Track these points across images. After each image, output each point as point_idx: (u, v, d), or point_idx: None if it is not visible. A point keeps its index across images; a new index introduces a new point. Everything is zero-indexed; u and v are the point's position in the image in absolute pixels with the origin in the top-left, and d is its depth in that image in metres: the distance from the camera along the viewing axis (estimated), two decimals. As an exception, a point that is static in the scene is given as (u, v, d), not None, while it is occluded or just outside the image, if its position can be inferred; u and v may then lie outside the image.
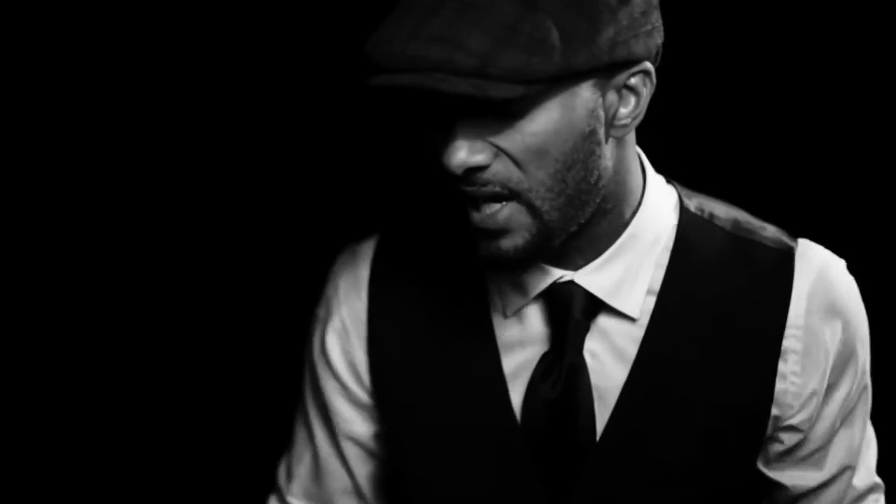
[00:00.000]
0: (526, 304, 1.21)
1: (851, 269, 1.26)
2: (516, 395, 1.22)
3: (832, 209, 2.16)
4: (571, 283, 1.18)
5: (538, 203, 1.08)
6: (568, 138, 1.06)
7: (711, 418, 1.20)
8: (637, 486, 1.21)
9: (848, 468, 1.28)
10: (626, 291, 1.19)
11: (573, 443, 1.20)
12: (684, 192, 1.25)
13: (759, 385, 1.20)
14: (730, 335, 1.19)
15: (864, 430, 1.29)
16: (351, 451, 1.30)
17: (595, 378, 1.20)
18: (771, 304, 1.19)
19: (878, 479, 1.33)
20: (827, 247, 1.25)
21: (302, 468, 1.34)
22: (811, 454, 1.26)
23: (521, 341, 1.22)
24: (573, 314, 1.18)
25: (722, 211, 1.24)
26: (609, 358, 1.20)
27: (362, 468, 1.31)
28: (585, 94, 1.06)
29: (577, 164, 1.08)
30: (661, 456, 1.20)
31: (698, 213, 1.23)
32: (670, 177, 1.27)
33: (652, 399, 1.20)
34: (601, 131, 1.09)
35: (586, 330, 1.19)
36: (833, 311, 1.21)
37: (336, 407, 1.30)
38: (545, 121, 1.05)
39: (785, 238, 1.23)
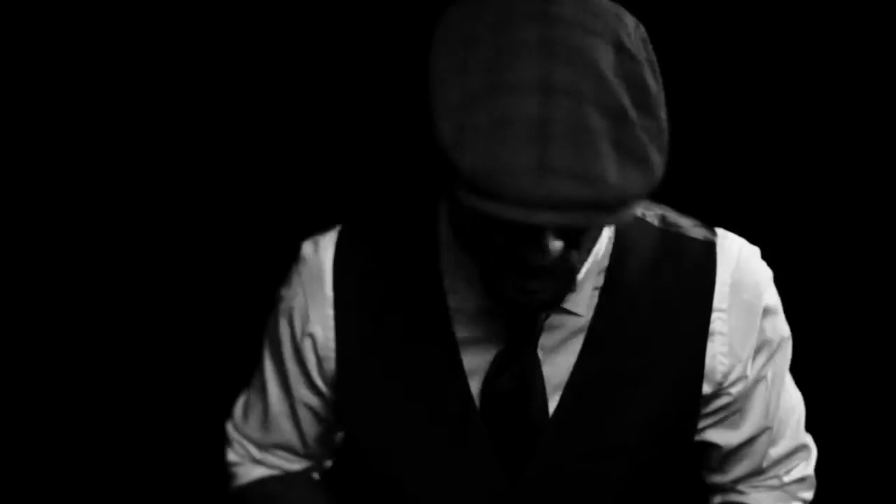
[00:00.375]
0: (486, 308, 1.28)
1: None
2: (474, 386, 1.31)
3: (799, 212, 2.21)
4: None
5: (578, 269, 1.19)
6: None
7: (651, 397, 1.30)
8: (586, 458, 1.31)
9: (766, 429, 1.39)
10: (576, 292, 1.27)
11: (527, 425, 1.30)
12: None
13: (691, 365, 1.30)
14: (664, 321, 1.29)
15: (781, 392, 1.39)
16: (304, 414, 1.43)
17: (546, 369, 1.30)
18: (698, 291, 1.29)
19: (805, 440, 1.45)
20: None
21: (254, 416, 1.48)
22: (729, 416, 1.36)
23: (479, 339, 1.30)
24: (528, 317, 1.27)
25: (649, 208, 1.34)
26: (558, 349, 1.30)
27: (312, 429, 1.45)
28: None
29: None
30: (608, 432, 1.31)
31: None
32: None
33: (597, 383, 1.30)
34: None
35: (541, 330, 1.29)
36: (752, 293, 1.30)
37: (294, 383, 1.40)
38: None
39: (705, 230, 1.33)
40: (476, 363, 1.30)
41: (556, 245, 1.08)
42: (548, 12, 1.07)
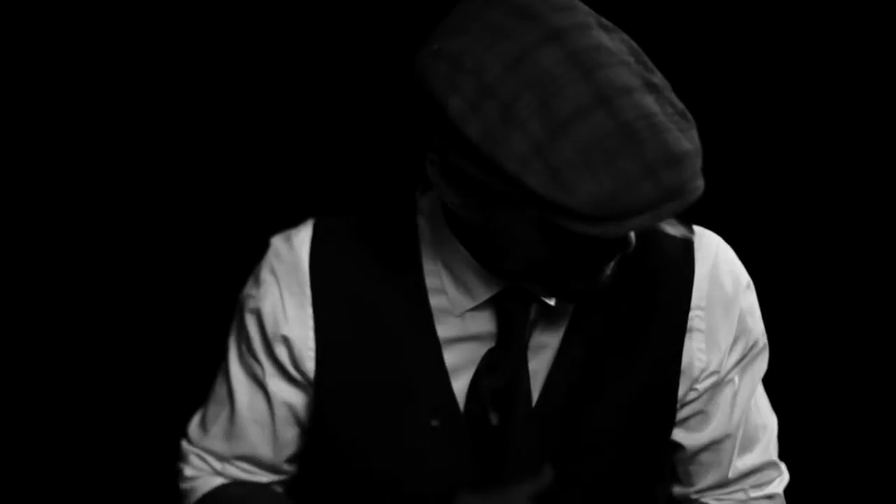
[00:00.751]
0: (474, 307, 1.28)
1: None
2: (459, 385, 1.30)
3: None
4: (520, 287, 1.26)
5: None
6: None
7: (629, 393, 1.30)
8: (563, 454, 1.30)
9: (729, 435, 1.37)
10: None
11: (508, 422, 1.30)
12: None
13: (669, 361, 1.31)
14: (643, 317, 1.30)
15: (751, 401, 1.38)
16: (281, 413, 1.36)
17: (531, 364, 1.30)
18: (677, 287, 1.30)
19: (776, 460, 1.42)
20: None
21: (217, 427, 1.40)
22: (694, 415, 1.35)
23: (464, 337, 1.30)
24: (520, 316, 1.27)
25: None
26: (542, 346, 1.30)
27: (287, 432, 1.38)
28: None
29: None
30: (585, 428, 1.30)
31: None
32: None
33: (575, 378, 1.30)
34: None
35: (533, 327, 1.29)
36: (730, 290, 1.31)
37: (270, 380, 1.34)
38: None
39: (683, 227, 1.34)
40: (458, 362, 1.29)
41: (633, 235, 1.15)
42: (549, 29, 1.08)
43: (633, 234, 1.15)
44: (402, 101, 1.25)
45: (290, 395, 1.34)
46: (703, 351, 1.31)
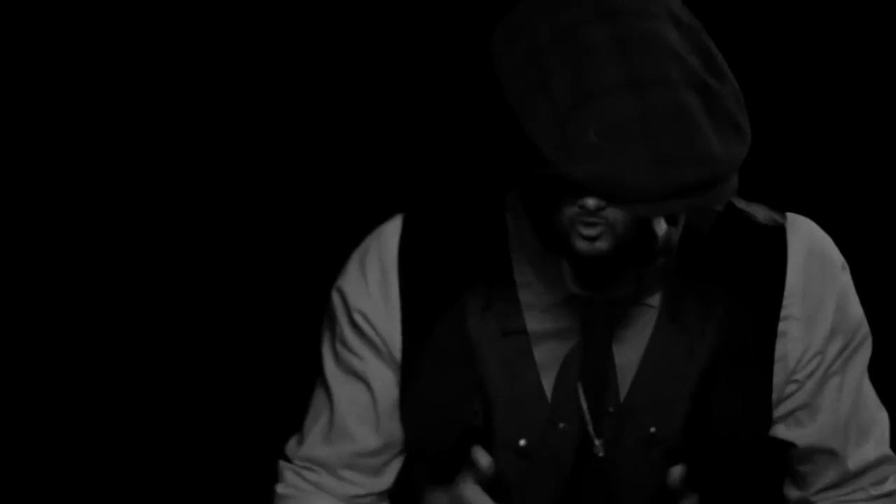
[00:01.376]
0: (558, 301, 1.28)
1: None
2: (546, 380, 1.29)
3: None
4: None
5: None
6: None
7: (721, 385, 1.28)
8: (651, 444, 1.29)
9: (842, 430, 1.33)
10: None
11: (595, 416, 1.29)
12: None
13: (763, 351, 1.29)
14: (734, 308, 1.28)
15: (860, 392, 1.34)
16: (382, 398, 1.32)
17: (617, 358, 1.29)
18: (769, 275, 1.28)
19: (890, 453, 1.37)
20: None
21: (314, 433, 1.36)
22: (798, 409, 1.32)
23: (550, 332, 1.29)
24: (602, 311, 1.27)
25: None
26: (628, 339, 1.29)
27: (389, 421, 1.33)
28: None
29: None
30: (675, 422, 1.29)
31: None
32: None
33: (665, 372, 1.29)
34: None
35: (613, 324, 1.28)
36: (826, 276, 1.29)
37: (368, 366, 1.32)
38: None
39: (774, 213, 1.32)
40: (547, 356, 1.29)
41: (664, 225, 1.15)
42: (607, 8, 1.10)
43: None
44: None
45: (388, 380, 1.32)
46: (800, 340, 1.29)
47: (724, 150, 1.07)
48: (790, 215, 1.32)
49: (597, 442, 1.28)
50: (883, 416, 1.37)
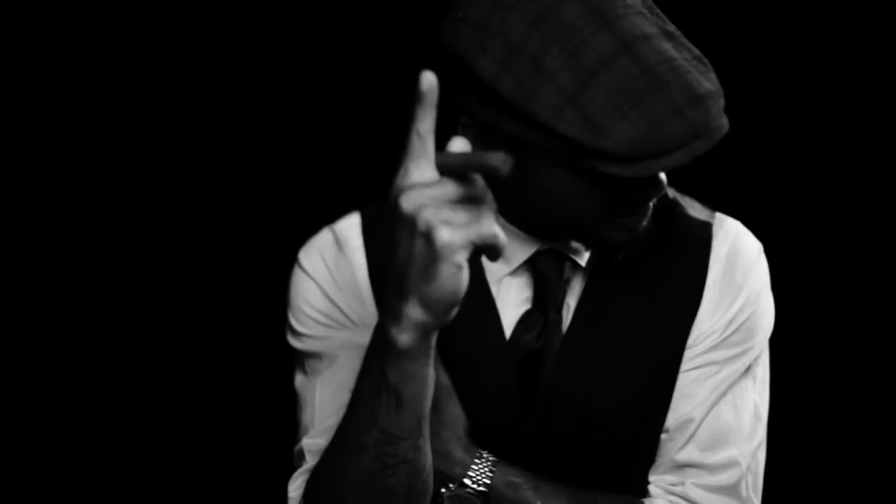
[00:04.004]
0: (511, 271, 1.32)
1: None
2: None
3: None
4: (552, 249, 1.30)
5: None
6: None
7: (638, 362, 1.30)
8: (576, 419, 1.30)
9: (689, 421, 1.31)
10: (584, 252, 1.32)
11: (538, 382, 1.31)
12: None
13: (679, 333, 1.31)
14: (656, 289, 1.31)
15: (725, 394, 1.32)
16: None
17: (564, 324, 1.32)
18: (693, 264, 1.32)
19: (740, 489, 1.32)
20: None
21: (308, 411, 1.35)
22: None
23: (508, 303, 1.33)
24: (554, 277, 1.31)
25: None
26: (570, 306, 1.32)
27: None
28: None
29: None
30: (595, 398, 1.30)
31: None
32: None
33: (589, 336, 1.31)
34: None
35: (565, 291, 1.32)
36: (741, 278, 1.32)
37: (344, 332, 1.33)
38: None
39: (705, 210, 1.37)
40: (505, 323, 1.31)
41: (664, 176, 1.19)
42: None
43: (664, 177, 1.19)
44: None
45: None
46: (702, 322, 1.30)
47: (710, 83, 1.13)
48: (720, 215, 1.36)
49: (518, 434, 1.30)
50: (752, 445, 1.32)
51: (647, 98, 1.10)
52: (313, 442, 1.31)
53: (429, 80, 0.94)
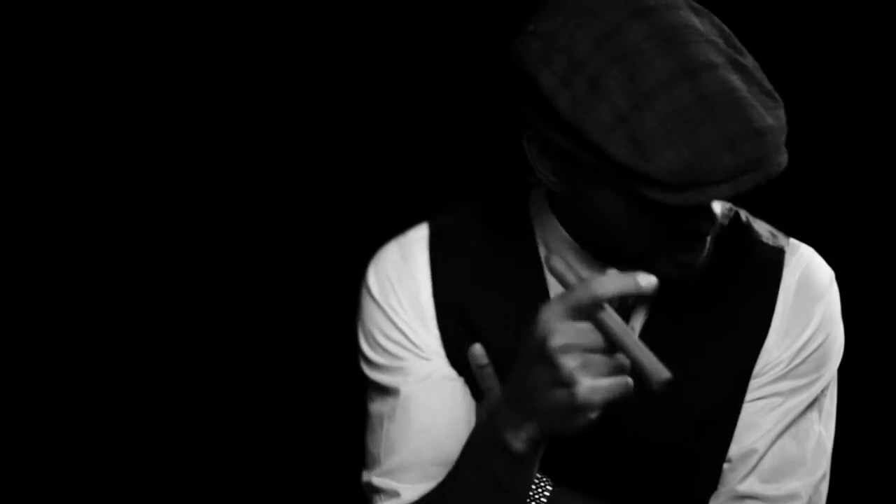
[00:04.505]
0: None
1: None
2: None
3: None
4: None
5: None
6: None
7: (703, 387, 1.28)
8: (636, 437, 1.29)
9: (752, 451, 1.29)
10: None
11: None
12: None
13: (746, 361, 1.29)
14: (724, 316, 1.29)
15: (790, 425, 1.30)
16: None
17: None
18: (763, 291, 1.30)
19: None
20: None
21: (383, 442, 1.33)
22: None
23: None
24: (627, 305, 1.28)
25: (725, 208, 1.35)
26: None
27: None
28: None
29: None
30: (656, 416, 1.28)
31: None
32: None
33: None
34: None
35: (629, 315, 1.29)
36: (811, 302, 1.30)
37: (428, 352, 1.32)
38: None
39: (778, 235, 1.35)
40: None
41: (718, 208, 1.20)
42: (638, 7, 1.14)
43: (717, 209, 1.19)
44: (498, 89, 1.29)
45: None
46: (770, 351, 1.29)
47: (774, 119, 1.12)
48: (794, 241, 1.34)
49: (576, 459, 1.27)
50: (816, 476, 1.31)
51: (701, 127, 1.09)
52: (384, 482, 1.30)
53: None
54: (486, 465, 1.08)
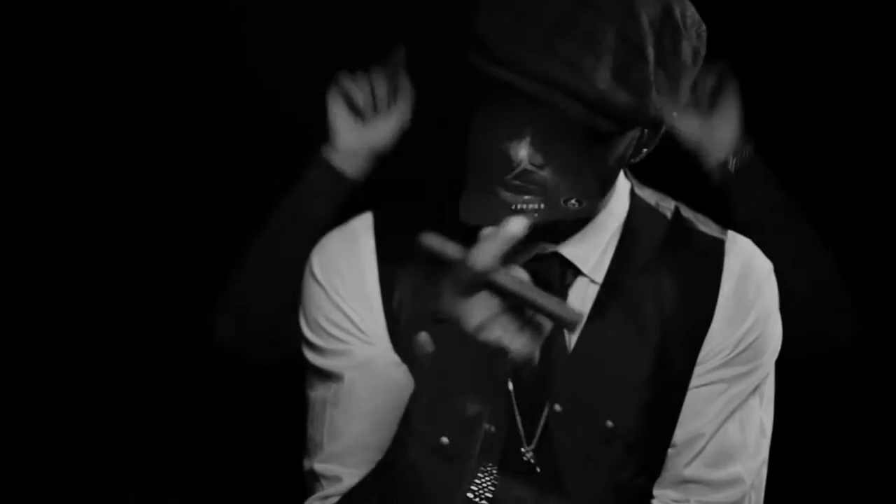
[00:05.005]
0: None
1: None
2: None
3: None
4: (554, 253, 1.31)
5: (563, 204, 1.23)
6: (616, 164, 1.26)
7: (646, 375, 1.31)
8: (587, 432, 1.31)
9: (697, 436, 1.32)
10: (594, 261, 1.33)
11: (542, 388, 1.32)
12: (636, 183, 1.41)
13: (691, 347, 1.32)
14: (668, 303, 1.33)
15: (732, 411, 1.33)
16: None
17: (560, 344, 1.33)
18: (705, 279, 1.34)
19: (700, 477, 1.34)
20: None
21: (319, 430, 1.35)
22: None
23: None
24: (554, 281, 1.31)
25: (666, 202, 1.41)
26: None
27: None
28: (638, 132, 1.25)
29: (610, 181, 1.29)
30: (605, 408, 1.31)
31: (646, 200, 1.39)
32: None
33: (600, 348, 1.32)
34: (628, 154, 1.28)
35: (565, 296, 1.32)
36: (752, 297, 1.33)
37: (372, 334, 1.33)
38: (612, 151, 1.23)
39: (718, 227, 1.39)
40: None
41: (527, 143, 1.19)
42: None
43: (522, 153, 1.19)
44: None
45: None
46: (714, 338, 1.32)
47: (607, 90, 1.14)
48: (731, 233, 1.38)
49: (524, 448, 1.30)
50: (750, 463, 1.34)
51: (539, 26, 1.15)
52: (326, 468, 1.31)
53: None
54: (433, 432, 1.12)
